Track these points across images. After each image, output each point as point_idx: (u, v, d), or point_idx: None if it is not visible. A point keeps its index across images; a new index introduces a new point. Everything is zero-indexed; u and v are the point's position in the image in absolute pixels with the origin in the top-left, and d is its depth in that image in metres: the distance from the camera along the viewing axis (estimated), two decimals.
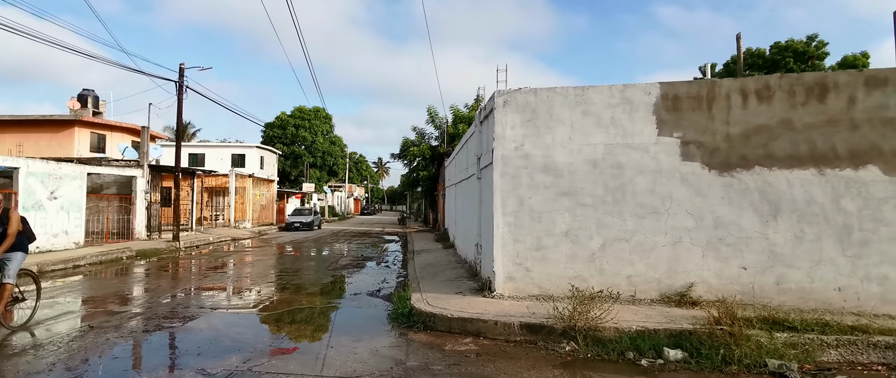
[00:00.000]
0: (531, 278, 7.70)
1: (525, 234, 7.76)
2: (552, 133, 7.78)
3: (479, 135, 9.92)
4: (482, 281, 8.95)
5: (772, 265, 6.99)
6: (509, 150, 7.90)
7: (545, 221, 7.72)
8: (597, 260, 7.53)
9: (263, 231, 28.65)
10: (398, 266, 14.01)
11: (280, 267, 13.61)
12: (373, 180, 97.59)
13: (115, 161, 18.85)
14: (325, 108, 48.18)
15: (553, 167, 7.75)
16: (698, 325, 5.90)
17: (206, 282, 11.00)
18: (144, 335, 6.34)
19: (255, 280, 11.20)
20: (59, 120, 26.42)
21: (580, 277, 7.48)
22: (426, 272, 11.58)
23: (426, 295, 8.11)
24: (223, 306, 8.23)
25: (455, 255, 14.67)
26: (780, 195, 7.03)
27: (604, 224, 7.55)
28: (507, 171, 7.88)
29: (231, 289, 10.14)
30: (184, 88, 18.75)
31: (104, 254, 14.39)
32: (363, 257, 16.11)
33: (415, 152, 28.81)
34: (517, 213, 7.81)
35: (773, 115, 7.09)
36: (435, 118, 29.81)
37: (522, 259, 7.74)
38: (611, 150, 7.58)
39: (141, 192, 18.56)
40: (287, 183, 46.04)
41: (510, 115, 7.92)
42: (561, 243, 7.64)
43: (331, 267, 13.48)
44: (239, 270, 12.99)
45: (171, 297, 8.97)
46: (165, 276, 11.72)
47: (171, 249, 17.36)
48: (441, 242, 18.94)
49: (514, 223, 7.80)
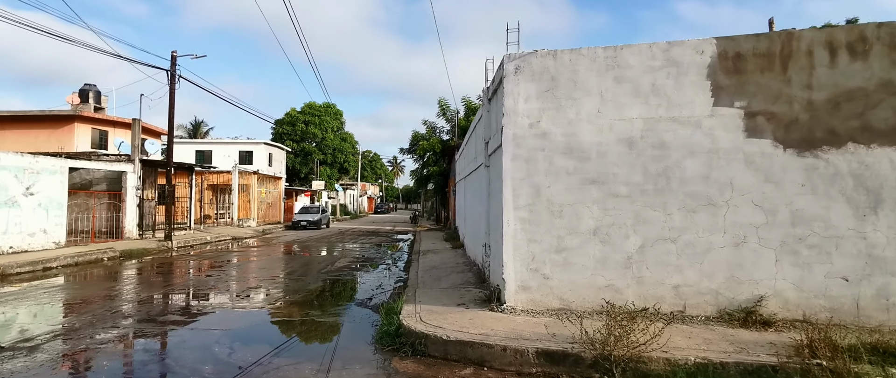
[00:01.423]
0: (550, 288, 6.14)
1: (543, 232, 6.20)
2: (576, 106, 6.20)
3: (487, 116, 8.39)
4: (490, 289, 7.43)
5: (871, 273, 5.31)
6: (523, 127, 6.34)
7: (568, 216, 6.14)
8: (634, 265, 5.93)
9: (268, 230, 27.54)
10: (400, 268, 12.55)
11: (269, 270, 12.28)
12: (387, 179, 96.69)
13: (106, 156, 17.85)
14: (335, 105, 47.07)
15: (578, 148, 6.17)
16: (782, 357, 4.29)
17: (177, 287, 9.70)
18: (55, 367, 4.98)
19: (235, 285, 9.86)
20: (58, 115, 25.61)
21: (613, 287, 5.89)
22: (428, 276, 10.11)
23: (421, 307, 6.61)
24: (178, 322, 6.86)
25: (463, 256, 13.16)
26: (881, 181, 5.33)
27: (643, 219, 5.94)
28: (520, 153, 6.32)
29: (200, 298, 8.80)
30: (176, 78, 17.60)
31: (83, 255, 13.25)
32: (364, 258, 14.71)
33: (424, 146, 27.23)
34: (533, 206, 6.26)
35: (871, 75, 5.39)
36: (446, 111, 28.24)
37: (539, 264, 6.18)
38: (652, 125, 5.97)
39: (131, 188, 17.48)
40: (297, 181, 45.05)
41: (524, 85, 6.36)
42: (588, 244, 6.06)
43: (325, 269, 12.09)
44: (221, 273, 11.69)
45: (128, 307, 7.65)
46: (136, 281, 10.48)
47: (161, 250, 16.21)
48: (450, 242, 17.44)
49: (528, 219, 6.25)
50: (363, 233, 26.71)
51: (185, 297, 8.70)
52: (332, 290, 9.42)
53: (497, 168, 7.10)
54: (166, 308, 7.69)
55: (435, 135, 28.60)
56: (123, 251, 14.73)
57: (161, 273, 11.58)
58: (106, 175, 17.96)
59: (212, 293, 9.02)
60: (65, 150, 23.68)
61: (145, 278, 10.87)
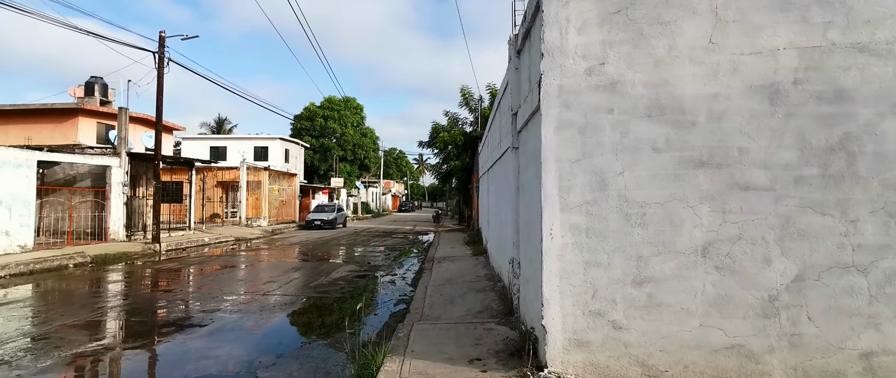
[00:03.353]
0: (625, 346, 3.59)
1: (611, 249, 3.66)
2: (670, 35, 3.63)
3: (515, 78, 5.86)
4: (521, 328, 4.94)
5: None
6: (575, 75, 3.81)
7: (655, 223, 3.58)
8: (782, 313, 3.33)
9: (279, 230, 25.68)
10: (407, 282, 10.16)
11: (250, 282, 10.09)
12: (413, 176, 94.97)
13: (90, 148, 16.18)
14: (354, 98, 45.16)
15: (673, 107, 3.60)
16: None
17: (126, 304, 7.56)
18: None
19: (185, 306, 7.66)
20: (60, 109, 24.37)
21: (741, 351, 3.32)
22: (438, 296, 7.68)
23: (412, 365, 4.18)
24: (66, 365, 4.63)
25: (486, 266, 10.66)
26: None
27: (800, 230, 3.32)
28: (571, 119, 3.79)
29: (131, 326, 6.61)
30: (165, 61, 15.72)
31: (42, 261, 11.40)
32: (369, 266, 12.40)
33: (445, 139, 24.63)
34: (593, 206, 3.72)
35: None
36: (469, 100, 25.62)
37: (605, 304, 3.64)
38: (816, 60, 3.34)
39: (117, 184, 15.71)
40: (316, 178, 43.38)
41: (577, 4, 3.82)
42: (692, 272, 3.49)
43: (314, 284, 9.81)
44: (183, 288, 9.56)
45: (50, 337, 5.49)
46: (88, 296, 8.43)
47: (144, 254, 14.33)
48: (471, 246, 14.95)
49: (586, 227, 3.71)
50: (379, 234, 24.49)
51: (100, 327, 6.53)
52: (305, 319, 7.08)
53: (532, 147, 4.58)
54: (62, 344, 5.49)
55: (457, 126, 26.05)
56: (97, 256, 12.85)
57: (134, 283, 9.53)
58: (91, 170, 16.26)
59: (147, 317, 6.82)
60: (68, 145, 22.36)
61: (111, 291, 8.82)
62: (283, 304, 7.80)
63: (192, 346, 5.62)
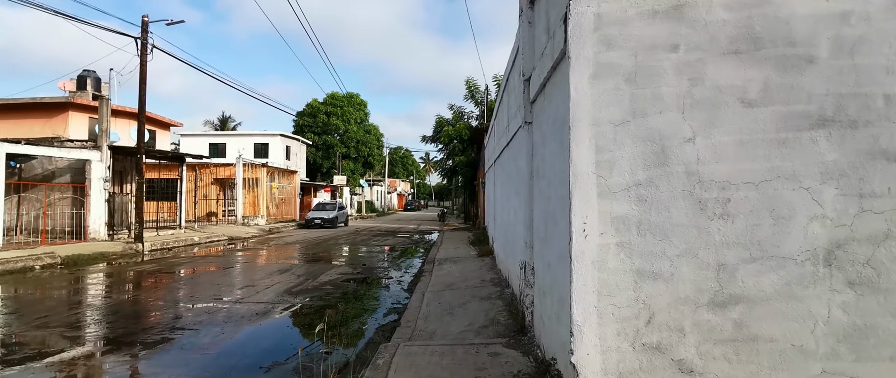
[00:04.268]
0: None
1: (676, 253, 2.43)
2: None
3: (528, 34, 4.64)
4: (537, 359, 3.74)
5: None
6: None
7: (746, 214, 2.35)
8: None
9: (277, 228, 24.63)
10: (403, 287, 8.98)
11: (226, 286, 8.97)
12: (419, 175, 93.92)
13: (69, 141, 15.20)
14: (358, 94, 44.08)
15: (774, 36, 2.36)
16: None
17: (71, 315, 6.44)
18: None
19: (153, 314, 6.53)
20: (51, 103, 23.49)
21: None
22: (436, 305, 6.51)
23: None
24: None
25: (492, 269, 9.45)
26: None
27: None
28: (613, 62, 2.57)
29: (55, 343, 5.48)
30: (147, 48, 14.66)
31: (6, 262, 10.37)
32: (364, 268, 11.24)
33: (449, 133, 23.34)
34: (648, 186, 2.50)
35: None
36: (475, 92, 24.34)
37: (668, 334, 2.42)
38: None
39: (97, 179, 14.67)
40: (319, 175, 42.38)
41: None
42: (809, 287, 2.26)
43: (299, 288, 8.67)
44: (157, 293, 8.45)
45: None
46: (31, 304, 7.35)
47: (124, 254, 13.28)
48: (476, 246, 13.75)
49: (637, 220, 2.49)
50: (380, 233, 23.35)
51: (12, 345, 5.41)
52: (275, 333, 5.91)
53: (553, 113, 3.36)
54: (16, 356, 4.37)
55: (462, 120, 24.82)
56: (69, 257, 11.81)
57: (70, 293, 8.44)
58: (71, 165, 15.25)
59: (88, 331, 5.69)
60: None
61: (30, 302, 7.73)
62: (255, 314, 6.65)
63: (117, 373, 4.48)
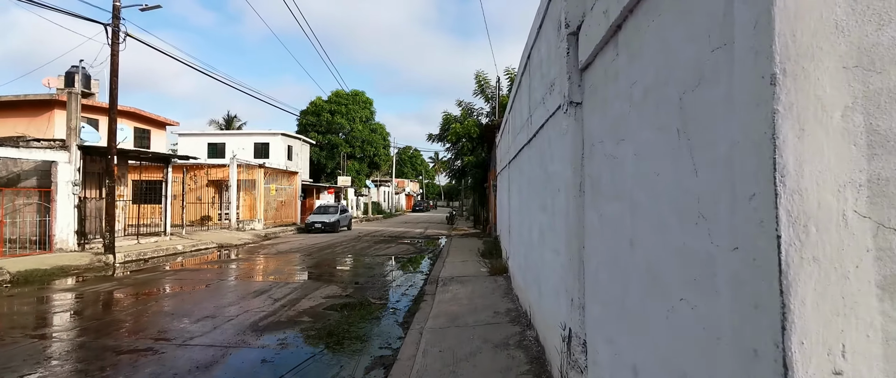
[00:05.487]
0: None
1: None
2: None
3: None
4: None
5: None
6: None
7: None
8: None
9: (274, 233, 23.10)
10: (398, 317, 7.29)
11: (181, 316, 7.33)
12: (428, 175, 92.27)
13: (35, 141, 13.75)
14: (364, 92, 42.53)
15: None
16: None
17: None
18: None
19: (65, 363, 4.91)
20: (35, 101, 22.19)
21: None
22: (435, 357, 4.81)
23: None
24: None
25: (507, 294, 7.71)
26: None
27: None
28: None
29: None
30: (120, 36, 13.14)
31: None
32: (356, 288, 9.56)
33: (457, 131, 21.54)
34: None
35: None
36: (485, 87, 22.58)
37: None
38: None
39: (65, 183, 13.20)
40: (323, 177, 40.89)
41: None
42: None
43: (270, 319, 7.01)
44: (94, 324, 6.83)
45: None
46: None
47: (92, 267, 11.77)
48: (487, 259, 12.01)
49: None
50: (384, 239, 21.68)
51: None
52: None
53: (647, 65, 1.62)
54: None
55: (471, 117, 23.05)
56: (21, 272, 10.30)
57: (30, 321, 6.87)
58: (38, 167, 13.80)
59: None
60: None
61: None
62: (195, 366, 4.99)
63: None
